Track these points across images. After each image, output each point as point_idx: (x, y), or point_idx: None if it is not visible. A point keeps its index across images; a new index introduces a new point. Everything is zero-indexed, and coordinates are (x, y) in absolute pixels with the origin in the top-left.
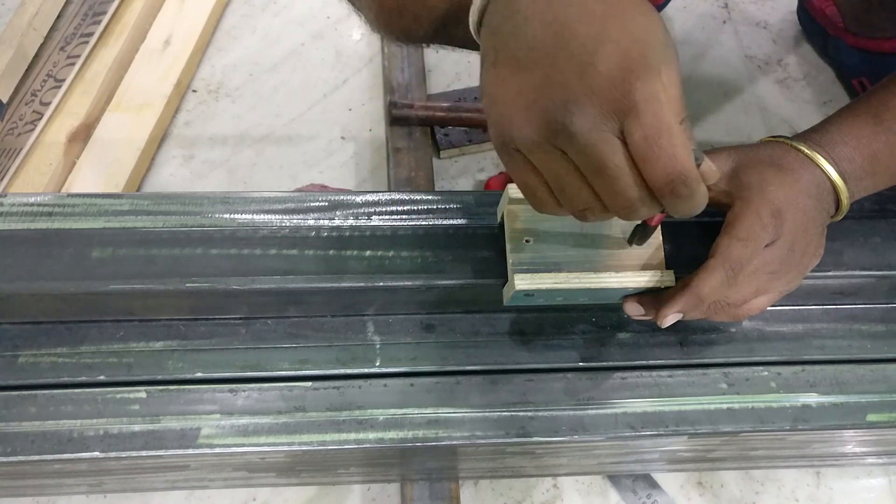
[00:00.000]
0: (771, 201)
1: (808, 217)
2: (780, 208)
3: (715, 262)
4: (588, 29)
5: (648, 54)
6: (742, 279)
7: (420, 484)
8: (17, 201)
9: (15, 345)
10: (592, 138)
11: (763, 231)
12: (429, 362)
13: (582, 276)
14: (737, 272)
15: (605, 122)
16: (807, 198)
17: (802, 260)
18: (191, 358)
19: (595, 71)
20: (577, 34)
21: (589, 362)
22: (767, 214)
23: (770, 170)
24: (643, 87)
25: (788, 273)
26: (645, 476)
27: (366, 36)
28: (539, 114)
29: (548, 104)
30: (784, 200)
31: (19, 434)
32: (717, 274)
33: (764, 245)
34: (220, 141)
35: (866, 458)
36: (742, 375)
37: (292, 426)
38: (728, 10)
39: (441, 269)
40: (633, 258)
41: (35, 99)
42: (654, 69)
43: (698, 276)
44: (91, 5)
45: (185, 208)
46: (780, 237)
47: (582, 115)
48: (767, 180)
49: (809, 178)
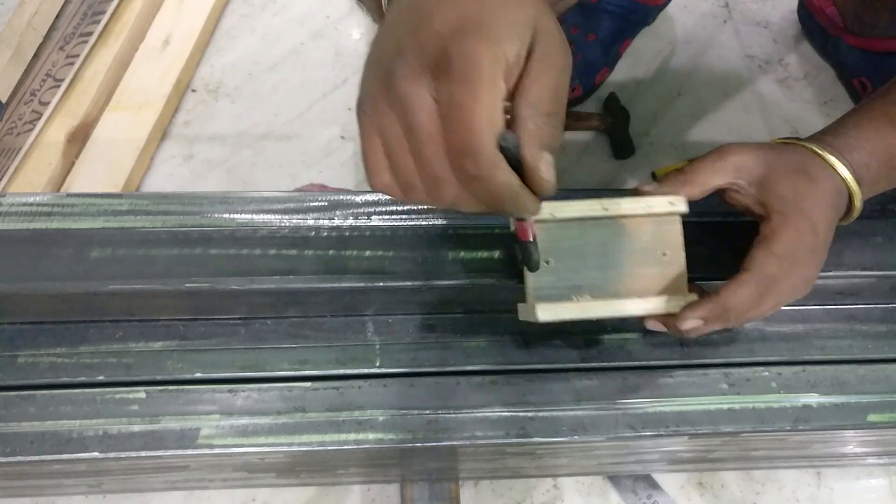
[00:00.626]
0: (809, 219)
1: (832, 229)
2: (817, 226)
3: (749, 276)
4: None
5: (491, 23)
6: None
7: (420, 484)
8: (16, 201)
9: (14, 345)
10: (406, 89)
11: (802, 251)
12: (429, 362)
13: (605, 304)
14: (770, 288)
15: (422, 74)
16: (832, 211)
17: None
18: (190, 358)
19: (428, 26)
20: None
21: (589, 362)
22: (807, 232)
23: (802, 180)
24: (465, 47)
25: (808, 284)
26: (645, 476)
27: (365, 35)
28: (377, 68)
29: (384, 57)
30: (819, 217)
31: (18, 434)
32: (748, 288)
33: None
34: (219, 140)
35: (867, 459)
36: (743, 376)
37: (292, 426)
38: (728, 9)
39: (441, 269)
40: (655, 279)
41: (34, 98)
42: (489, 37)
43: (729, 289)
44: (90, 5)
45: (184, 208)
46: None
47: (404, 64)
48: (802, 194)
49: (832, 188)
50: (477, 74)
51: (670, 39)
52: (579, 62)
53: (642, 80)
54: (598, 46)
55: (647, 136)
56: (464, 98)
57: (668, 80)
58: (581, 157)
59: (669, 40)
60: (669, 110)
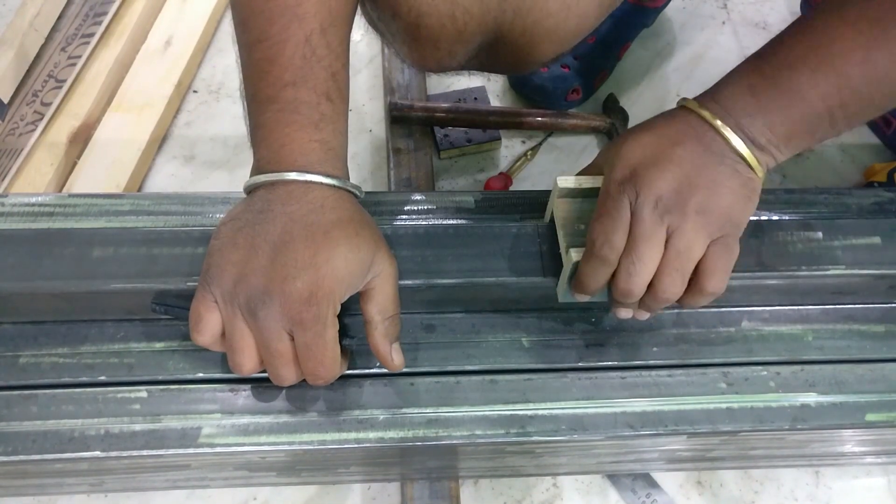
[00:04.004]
0: (616, 170)
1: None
2: (627, 170)
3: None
4: (305, 252)
5: (334, 288)
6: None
7: (420, 483)
8: (18, 201)
9: (16, 345)
10: (269, 326)
11: (613, 199)
12: (429, 362)
13: None
14: (609, 249)
15: (281, 320)
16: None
17: (706, 202)
18: (192, 358)
19: (293, 286)
20: (297, 251)
21: (588, 362)
22: (614, 182)
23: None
24: (315, 311)
25: (696, 220)
26: (644, 475)
27: (366, 36)
28: (245, 286)
29: (252, 286)
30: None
31: (20, 434)
32: (585, 258)
33: (624, 211)
34: (220, 141)
35: (865, 458)
36: (741, 375)
37: (293, 425)
38: (727, 10)
39: (441, 269)
40: None
41: (36, 99)
42: (334, 297)
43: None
44: (92, 6)
45: (185, 208)
46: (638, 194)
47: (269, 308)
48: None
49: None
50: (323, 329)
51: (669, 41)
52: (579, 64)
53: (642, 81)
54: (598, 49)
55: None
56: (316, 344)
57: (667, 81)
58: (581, 157)
59: (669, 42)
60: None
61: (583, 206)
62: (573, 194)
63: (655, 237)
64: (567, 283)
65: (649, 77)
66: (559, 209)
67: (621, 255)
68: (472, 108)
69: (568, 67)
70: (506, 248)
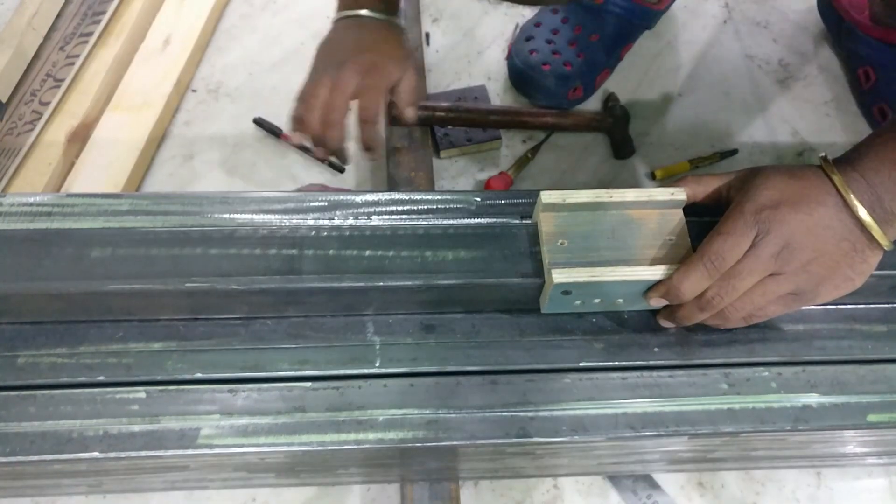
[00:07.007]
0: (757, 200)
1: (815, 221)
2: (767, 205)
3: (694, 255)
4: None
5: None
6: (735, 276)
7: (420, 484)
8: (16, 201)
9: (14, 345)
10: (345, 75)
11: (744, 225)
12: (429, 362)
13: (616, 269)
14: (718, 266)
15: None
16: (814, 204)
17: (812, 267)
18: (190, 358)
19: (364, 55)
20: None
21: (589, 362)
22: (751, 211)
23: (776, 175)
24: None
25: (796, 276)
26: (645, 477)
27: None
28: (346, 53)
29: (337, 54)
30: (775, 199)
31: (19, 434)
32: (693, 265)
33: (748, 239)
34: (219, 141)
35: (867, 459)
36: (742, 376)
37: (292, 426)
38: (729, 9)
39: (441, 269)
40: (664, 259)
41: (34, 99)
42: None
43: (678, 269)
44: (90, 5)
45: (184, 208)
46: (769, 232)
47: (346, 66)
48: (764, 185)
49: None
50: (381, 82)
51: (670, 40)
52: (582, 62)
53: (642, 81)
54: (600, 47)
55: (647, 136)
56: (377, 86)
57: (668, 80)
58: (581, 157)
59: (669, 41)
60: (669, 110)
61: (567, 221)
62: (557, 209)
63: (759, 276)
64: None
65: (651, 76)
66: (544, 222)
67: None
68: (473, 107)
69: (570, 66)
70: (506, 248)
